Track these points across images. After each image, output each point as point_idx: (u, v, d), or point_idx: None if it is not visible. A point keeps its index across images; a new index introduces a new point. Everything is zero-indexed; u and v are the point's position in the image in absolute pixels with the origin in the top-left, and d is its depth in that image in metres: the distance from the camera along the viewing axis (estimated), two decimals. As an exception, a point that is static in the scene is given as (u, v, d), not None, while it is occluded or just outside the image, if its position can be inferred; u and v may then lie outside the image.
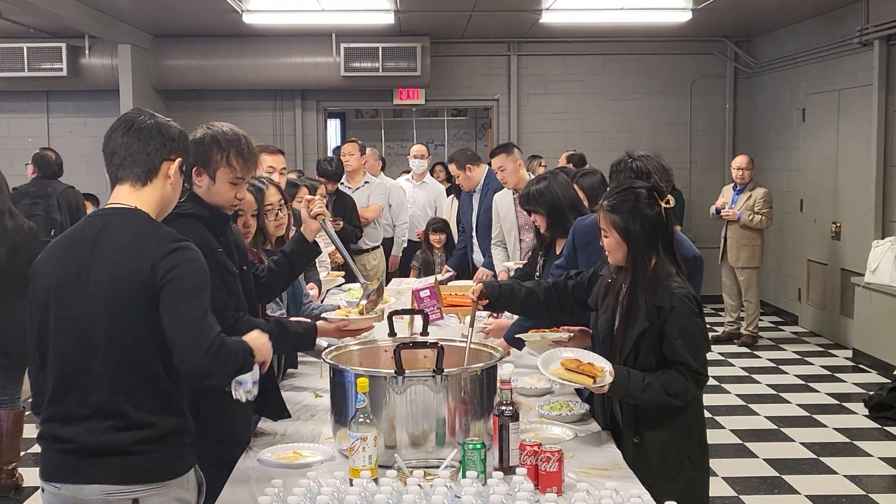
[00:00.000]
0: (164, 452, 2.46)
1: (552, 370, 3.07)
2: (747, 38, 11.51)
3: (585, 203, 4.44)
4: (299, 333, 3.24)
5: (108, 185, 2.57)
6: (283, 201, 4.11)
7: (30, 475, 5.47)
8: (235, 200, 3.17)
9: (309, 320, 3.41)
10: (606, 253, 3.18)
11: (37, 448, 2.58)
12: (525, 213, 4.38)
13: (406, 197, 8.38)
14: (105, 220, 2.50)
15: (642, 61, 11.62)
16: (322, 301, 5.07)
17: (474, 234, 7.00)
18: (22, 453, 5.69)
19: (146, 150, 2.52)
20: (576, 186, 4.52)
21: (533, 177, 5.45)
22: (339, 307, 4.10)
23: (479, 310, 3.56)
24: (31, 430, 5.94)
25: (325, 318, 3.38)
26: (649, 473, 2.91)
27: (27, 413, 5.46)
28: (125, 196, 2.53)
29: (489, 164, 6.66)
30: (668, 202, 3.09)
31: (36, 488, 3.60)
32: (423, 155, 8.72)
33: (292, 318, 3.49)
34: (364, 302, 3.51)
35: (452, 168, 7.10)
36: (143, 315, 2.39)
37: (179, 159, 2.58)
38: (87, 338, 2.41)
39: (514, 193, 6.12)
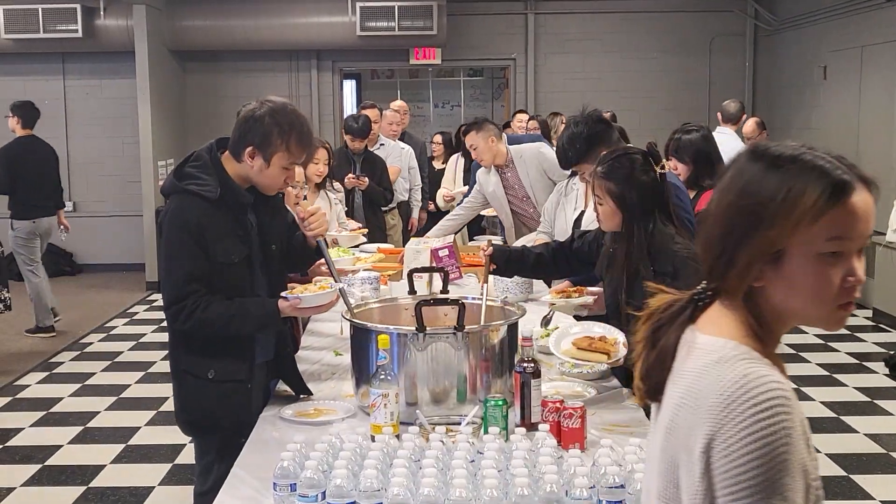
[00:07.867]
0: None
1: (564, 351, 3.04)
2: (768, -5, 11.35)
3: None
4: (262, 315, 3.03)
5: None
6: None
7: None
8: (284, 185, 3.07)
9: (272, 300, 3.07)
10: (599, 221, 3.16)
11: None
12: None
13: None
14: None
15: (660, 19, 11.46)
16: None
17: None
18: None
19: None
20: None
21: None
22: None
23: (489, 272, 3.54)
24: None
25: (282, 297, 3.06)
26: None
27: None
28: None
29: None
30: (663, 167, 3.04)
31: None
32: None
33: (257, 298, 3.09)
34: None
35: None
36: None
37: None
38: None
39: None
